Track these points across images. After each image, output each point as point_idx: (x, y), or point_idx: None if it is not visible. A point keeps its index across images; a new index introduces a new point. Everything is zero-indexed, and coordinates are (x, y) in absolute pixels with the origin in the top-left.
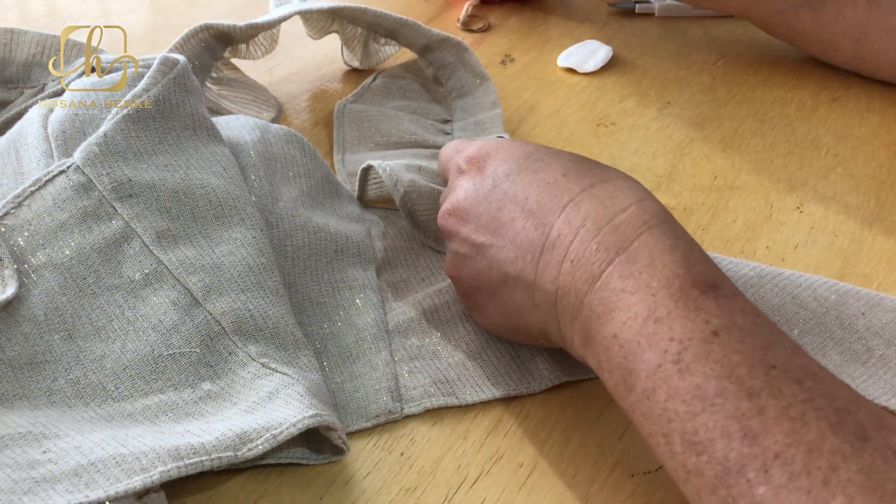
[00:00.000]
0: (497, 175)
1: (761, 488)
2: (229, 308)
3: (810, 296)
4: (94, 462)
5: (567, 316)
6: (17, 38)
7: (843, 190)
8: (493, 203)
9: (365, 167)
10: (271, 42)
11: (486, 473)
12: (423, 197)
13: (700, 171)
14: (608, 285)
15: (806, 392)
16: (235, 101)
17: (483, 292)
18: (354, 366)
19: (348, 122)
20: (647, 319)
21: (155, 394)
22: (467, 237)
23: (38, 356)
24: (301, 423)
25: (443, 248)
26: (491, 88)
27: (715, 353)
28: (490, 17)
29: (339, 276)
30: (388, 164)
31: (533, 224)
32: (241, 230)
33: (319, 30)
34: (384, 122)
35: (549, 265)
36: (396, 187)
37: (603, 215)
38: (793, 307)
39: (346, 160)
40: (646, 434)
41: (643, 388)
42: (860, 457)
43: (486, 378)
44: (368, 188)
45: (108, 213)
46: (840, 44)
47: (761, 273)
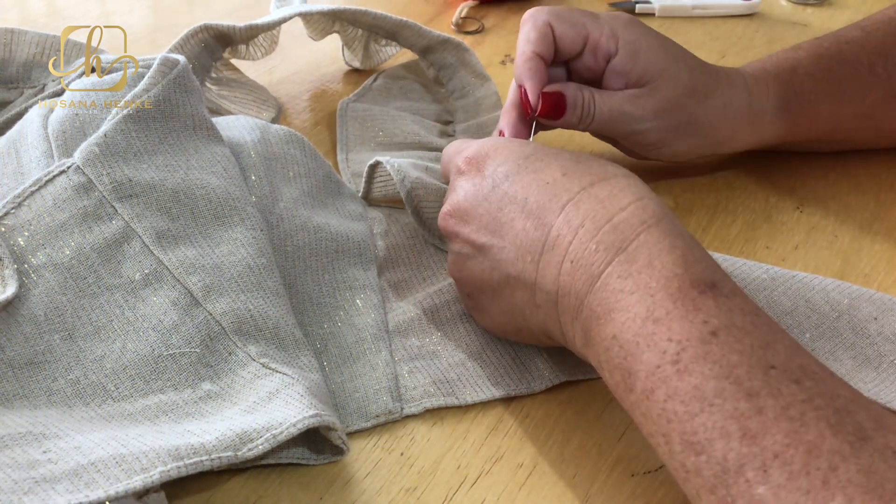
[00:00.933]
0: (496, 175)
1: (760, 488)
2: (229, 308)
3: (823, 300)
4: (94, 462)
5: (568, 316)
6: (17, 38)
7: (843, 190)
8: (493, 203)
9: (373, 163)
10: (271, 43)
11: (486, 473)
12: (429, 194)
13: (700, 172)
14: (607, 286)
15: (805, 392)
16: (235, 101)
17: (485, 293)
18: (354, 366)
19: (351, 122)
20: (645, 320)
21: (155, 394)
22: (468, 238)
23: (38, 356)
24: (301, 423)
25: (445, 246)
26: (492, 89)
27: (713, 354)
28: (489, 18)
29: (340, 277)
30: (396, 160)
31: (533, 224)
32: (242, 230)
33: (320, 31)
34: (387, 122)
35: (550, 265)
36: (404, 183)
37: (602, 215)
38: (805, 311)
39: (350, 160)
40: (646, 433)
41: (642, 388)
42: (860, 457)
43: (486, 378)
44: (374, 186)
45: (108, 213)
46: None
47: (774, 276)
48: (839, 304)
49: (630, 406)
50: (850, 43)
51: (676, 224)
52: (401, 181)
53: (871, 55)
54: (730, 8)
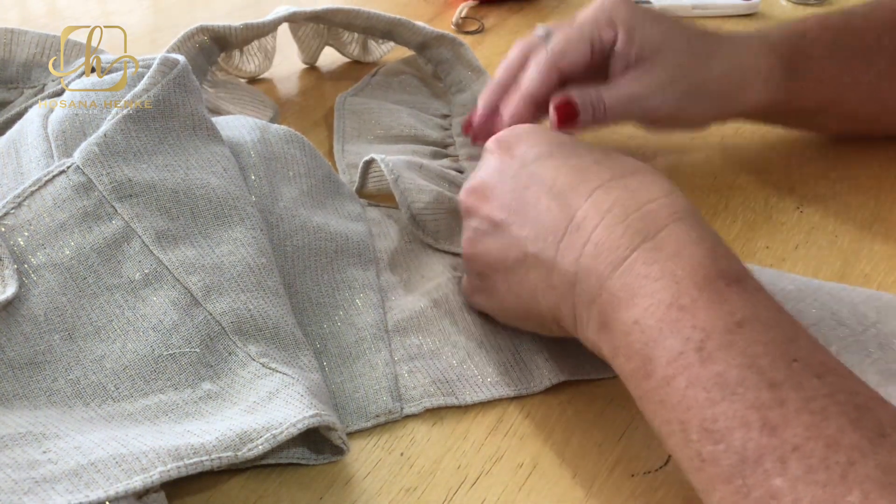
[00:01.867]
0: (526, 157)
1: (777, 479)
2: (229, 308)
3: (850, 312)
4: (94, 462)
5: (584, 299)
6: (17, 38)
7: (843, 190)
8: (519, 182)
9: (367, 160)
10: (264, 58)
11: (486, 473)
12: (422, 194)
13: (700, 171)
14: (632, 270)
15: (827, 387)
16: (234, 102)
17: (498, 271)
18: (354, 366)
19: (349, 114)
20: (670, 306)
21: (155, 394)
22: (488, 214)
23: (38, 356)
24: (301, 423)
25: (440, 246)
26: (488, 81)
27: (738, 344)
28: (489, 18)
29: (339, 276)
30: (391, 158)
31: (558, 205)
32: (241, 230)
33: (313, 51)
34: (384, 116)
35: (572, 247)
36: (397, 183)
37: (631, 203)
38: (832, 323)
39: (345, 151)
40: (660, 422)
41: (663, 374)
42: (878, 453)
43: (486, 378)
44: (369, 181)
45: (108, 213)
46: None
47: (801, 287)
48: (866, 317)
49: (645, 393)
50: (857, 16)
51: (703, 221)
52: (394, 181)
53: (878, 27)
54: (730, 8)
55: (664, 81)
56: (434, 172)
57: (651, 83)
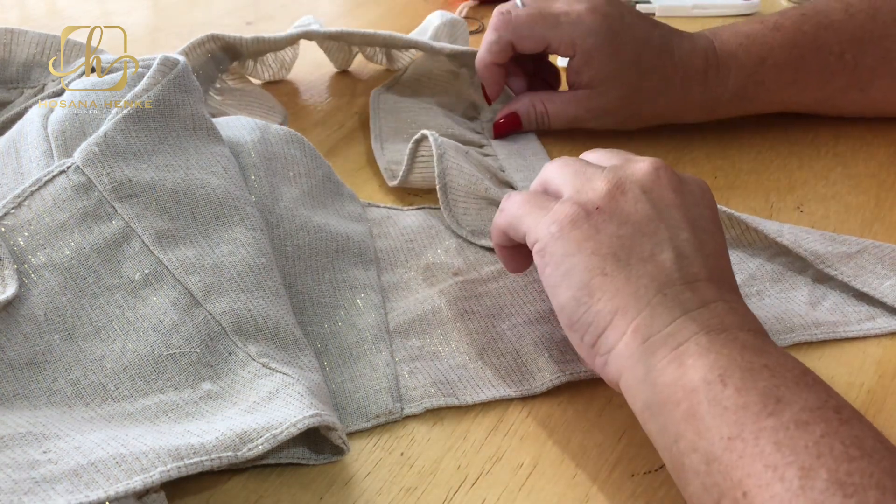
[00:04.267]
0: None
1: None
2: (229, 308)
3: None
4: (94, 462)
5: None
6: (17, 38)
7: (843, 190)
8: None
9: (418, 138)
10: (280, 67)
11: (486, 473)
12: (461, 177)
13: (700, 170)
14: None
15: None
16: (241, 109)
17: (616, 217)
18: (355, 366)
19: (384, 114)
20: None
21: (155, 394)
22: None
23: (38, 356)
24: (301, 422)
25: (462, 231)
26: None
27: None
28: (489, 18)
29: (340, 277)
30: (441, 138)
31: (676, 266)
32: (241, 230)
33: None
34: (420, 115)
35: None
36: (441, 160)
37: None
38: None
39: (384, 149)
40: (766, 464)
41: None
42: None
43: (486, 378)
44: (416, 166)
45: (108, 213)
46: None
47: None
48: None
49: (756, 429)
50: (829, 29)
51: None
52: (439, 157)
53: (845, 42)
54: (730, 8)
55: (607, 109)
56: (478, 161)
57: (592, 109)
